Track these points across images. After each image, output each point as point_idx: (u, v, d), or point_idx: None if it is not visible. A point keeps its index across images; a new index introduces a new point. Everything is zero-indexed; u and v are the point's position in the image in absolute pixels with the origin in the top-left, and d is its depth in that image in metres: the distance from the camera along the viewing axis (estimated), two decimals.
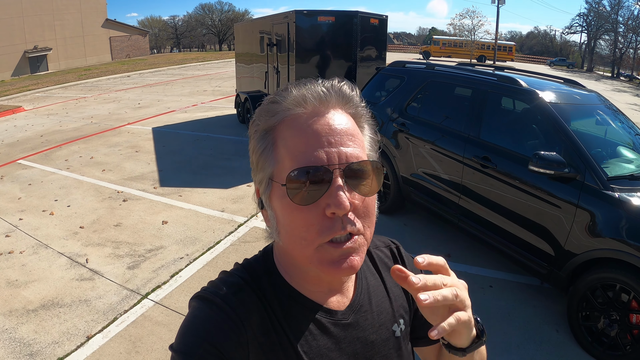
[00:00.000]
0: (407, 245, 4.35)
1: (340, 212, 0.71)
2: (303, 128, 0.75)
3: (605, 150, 4.18)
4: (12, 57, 39.00)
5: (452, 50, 50.03)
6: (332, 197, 0.71)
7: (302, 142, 0.74)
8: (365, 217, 0.77)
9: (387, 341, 0.92)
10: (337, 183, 0.72)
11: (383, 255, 1.05)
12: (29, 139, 11.69)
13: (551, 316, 3.91)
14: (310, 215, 0.73)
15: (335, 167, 0.73)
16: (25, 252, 5.26)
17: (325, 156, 0.73)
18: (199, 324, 0.77)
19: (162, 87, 22.68)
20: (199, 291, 0.83)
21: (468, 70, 5.41)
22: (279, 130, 0.77)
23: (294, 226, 0.75)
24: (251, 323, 0.78)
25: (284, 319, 0.82)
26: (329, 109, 0.78)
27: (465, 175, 4.63)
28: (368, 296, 0.93)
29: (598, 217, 3.44)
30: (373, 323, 0.91)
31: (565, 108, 4.26)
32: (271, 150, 0.78)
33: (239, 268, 0.88)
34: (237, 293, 0.80)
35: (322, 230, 0.73)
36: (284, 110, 0.77)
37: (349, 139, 0.76)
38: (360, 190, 0.75)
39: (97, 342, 3.66)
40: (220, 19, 79.94)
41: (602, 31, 53.25)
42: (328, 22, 9.12)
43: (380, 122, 5.96)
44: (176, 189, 7.25)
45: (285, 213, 0.76)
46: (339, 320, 0.86)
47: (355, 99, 0.81)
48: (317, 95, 0.77)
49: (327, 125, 0.75)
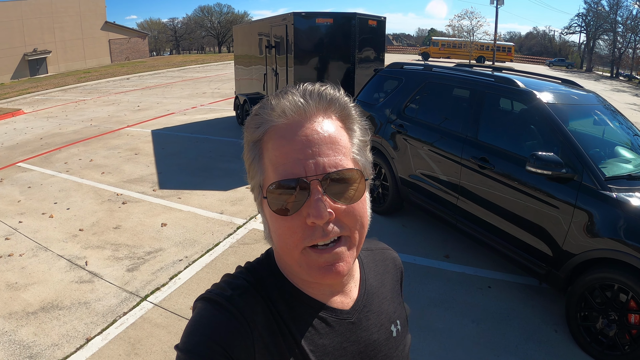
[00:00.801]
0: (405, 246, 4.39)
1: (319, 222, 0.73)
2: (282, 140, 0.76)
3: (603, 151, 4.18)
4: (12, 60, 39.07)
5: (451, 51, 50.04)
6: (311, 208, 0.73)
7: (281, 154, 0.76)
8: (352, 221, 0.78)
9: (387, 341, 0.94)
10: (315, 195, 0.73)
11: (385, 258, 1.09)
12: (28, 142, 11.71)
13: (550, 316, 3.92)
14: (293, 223, 0.75)
15: (312, 179, 0.74)
16: (25, 255, 5.27)
17: (303, 167, 0.74)
18: (205, 324, 0.78)
19: (161, 90, 22.69)
20: (204, 293, 0.84)
21: (466, 71, 5.41)
22: (264, 141, 0.79)
23: (280, 232, 0.77)
24: (257, 324, 0.78)
25: (290, 319, 0.82)
26: (309, 117, 0.78)
27: (463, 176, 4.64)
28: (371, 296, 0.95)
29: (596, 217, 3.45)
30: (375, 323, 0.93)
31: (563, 108, 4.26)
32: (258, 160, 0.80)
33: (243, 271, 0.89)
34: (242, 295, 0.81)
35: (305, 237, 0.75)
36: (267, 122, 0.78)
37: (329, 147, 0.76)
38: (344, 197, 0.76)
39: (96, 345, 3.66)
40: (220, 21, 79.98)
41: (601, 31, 53.26)
42: (326, 24, 9.13)
43: (379, 124, 5.97)
44: (175, 192, 7.25)
45: (272, 220, 0.79)
46: (344, 318, 0.88)
47: (340, 100, 0.81)
48: (294, 106, 0.77)
49: (305, 135, 0.76)
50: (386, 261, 1.08)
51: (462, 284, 4.43)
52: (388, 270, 1.06)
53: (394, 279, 1.07)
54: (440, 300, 4.16)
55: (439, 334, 3.71)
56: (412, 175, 5.41)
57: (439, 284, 4.43)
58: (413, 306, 4.00)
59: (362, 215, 0.81)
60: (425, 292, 4.28)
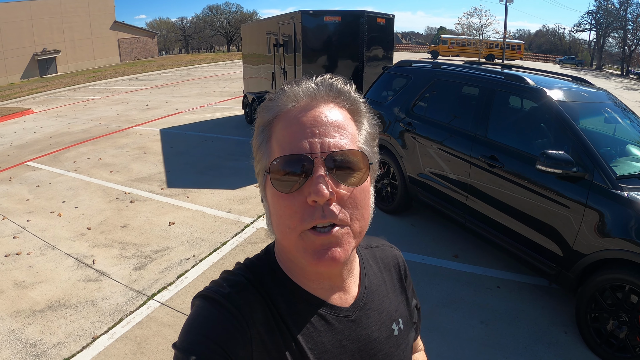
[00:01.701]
0: (414, 245, 4.35)
1: (320, 199, 0.72)
2: (291, 121, 0.78)
3: (614, 149, 4.11)
4: (22, 59, 39.40)
5: (461, 49, 49.85)
6: (313, 185, 0.73)
7: (289, 133, 0.77)
8: (353, 209, 0.78)
9: (388, 339, 0.93)
10: (318, 172, 0.74)
11: (385, 255, 1.07)
12: (37, 141, 11.78)
13: (559, 317, 3.87)
14: (294, 202, 0.75)
15: (316, 156, 0.74)
16: (33, 254, 5.29)
17: (308, 145, 0.75)
18: (202, 322, 0.77)
19: (170, 89, 22.77)
20: (202, 290, 0.84)
21: (475, 68, 5.36)
22: (273, 124, 0.80)
23: (281, 214, 0.77)
24: (255, 321, 0.78)
25: (289, 316, 0.82)
26: (319, 103, 0.80)
27: (473, 175, 4.59)
28: (371, 294, 0.95)
29: (607, 217, 3.39)
30: (375, 321, 0.92)
31: (574, 106, 4.20)
32: (266, 143, 0.81)
33: (241, 267, 0.89)
34: (240, 292, 0.81)
35: (304, 218, 0.74)
36: (279, 106, 0.80)
37: (335, 130, 0.77)
38: (347, 181, 0.76)
39: (102, 343, 3.66)
40: (229, 20, 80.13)
41: (611, 29, 52.78)
42: (334, 22, 9.10)
43: (387, 122, 5.93)
44: (183, 190, 7.26)
45: (273, 201, 0.79)
46: (343, 316, 0.87)
47: (349, 93, 0.83)
48: (306, 91, 0.80)
49: (313, 117, 0.77)
50: (387, 259, 1.07)
51: (470, 284, 4.39)
52: (389, 268, 1.06)
53: (396, 277, 1.06)
54: (449, 301, 4.12)
55: (447, 335, 3.67)
56: (421, 174, 5.37)
57: (447, 284, 4.39)
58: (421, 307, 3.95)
59: (364, 206, 0.80)
60: (433, 292, 4.24)
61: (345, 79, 0.84)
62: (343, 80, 0.84)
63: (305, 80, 0.82)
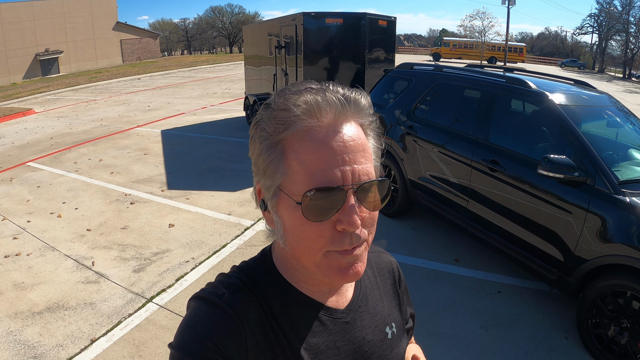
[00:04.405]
0: (414, 249, 4.32)
1: (353, 229, 0.73)
2: (319, 143, 0.74)
3: (616, 153, 4.09)
4: (24, 59, 39.44)
5: (463, 52, 49.86)
6: (345, 216, 0.73)
7: (319, 159, 0.73)
8: (370, 227, 0.80)
9: (382, 342, 0.94)
10: (350, 202, 0.73)
11: (380, 261, 1.08)
12: (38, 142, 11.78)
13: (560, 323, 3.84)
14: (321, 228, 0.74)
15: (349, 187, 0.73)
16: (32, 255, 5.27)
17: (341, 175, 0.73)
18: (198, 322, 0.78)
19: (172, 90, 22.78)
20: (198, 292, 0.85)
21: (477, 72, 5.34)
22: (290, 140, 0.75)
23: (305, 237, 0.76)
24: (249, 322, 0.79)
25: (283, 317, 0.83)
26: (344, 121, 0.77)
27: (474, 178, 4.57)
28: (365, 297, 0.96)
29: (609, 222, 3.37)
30: (369, 324, 0.93)
31: (576, 110, 4.18)
32: (281, 160, 0.76)
33: (236, 270, 0.89)
34: (234, 293, 0.82)
35: (333, 242, 0.75)
36: (297, 120, 0.74)
37: (362, 155, 0.76)
38: (368, 205, 0.77)
39: (100, 346, 3.64)
40: (231, 22, 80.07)
41: (613, 32, 52.71)
42: (336, 24, 9.10)
43: (388, 125, 5.92)
44: (183, 192, 7.24)
45: (295, 224, 0.76)
46: (338, 318, 0.88)
47: (368, 110, 0.81)
48: (333, 106, 0.75)
49: (342, 141, 0.74)
50: (382, 264, 1.08)
51: (471, 288, 4.37)
52: (384, 273, 1.06)
53: (390, 282, 1.07)
54: (449, 305, 4.10)
55: (446, 340, 3.64)
56: (422, 177, 5.35)
57: (447, 288, 4.37)
58: (421, 311, 3.98)
59: (375, 220, 0.82)
60: (433, 297, 4.22)
61: (364, 94, 0.81)
62: (365, 96, 0.81)
63: (325, 89, 0.77)
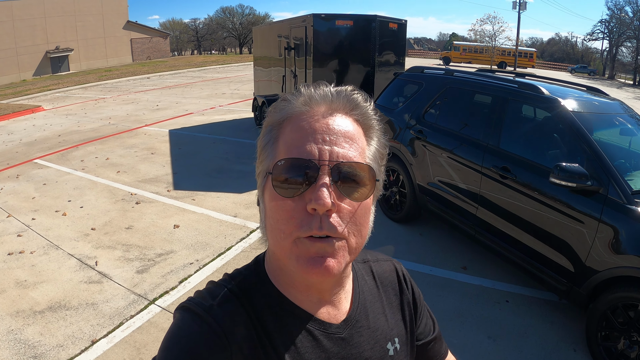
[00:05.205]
0: (422, 256, 4.23)
1: (321, 208, 0.70)
2: (303, 124, 0.76)
3: (629, 162, 3.99)
4: (35, 57, 39.64)
5: (473, 56, 49.74)
6: (316, 192, 0.70)
7: (298, 136, 0.75)
8: (352, 224, 0.75)
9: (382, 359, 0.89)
10: (322, 179, 0.71)
11: (382, 270, 1.03)
12: (46, 139, 11.79)
13: (569, 335, 3.76)
14: (292, 208, 0.72)
15: (323, 164, 0.72)
16: (36, 253, 5.25)
17: (317, 151, 0.73)
18: (182, 337, 0.74)
19: (181, 90, 22.80)
20: (184, 301, 0.81)
21: (488, 76, 5.26)
22: (283, 126, 0.78)
23: (277, 218, 0.74)
24: (236, 336, 0.75)
25: (274, 331, 0.79)
26: (334, 111, 0.78)
27: (484, 185, 4.50)
28: (365, 311, 0.91)
29: (621, 233, 3.28)
30: (368, 340, 0.88)
31: (588, 117, 4.10)
32: (272, 145, 0.79)
33: (227, 279, 0.86)
34: (222, 304, 0.78)
35: (302, 225, 0.72)
36: (292, 107, 0.78)
37: (346, 141, 0.75)
38: (350, 195, 0.74)
39: (101, 347, 3.60)
40: (241, 22, 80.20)
41: (624, 38, 52.40)
42: (346, 26, 9.04)
43: (398, 129, 5.86)
44: (190, 193, 7.21)
45: (271, 205, 0.76)
46: (332, 333, 0.83)
47: (366, 109, 0.80)
48: (324, 96, 0.78)
49: (326, 124, 0.75)
50: (385, 273, 1.02)
51: (479, 297, 4.29)
52: (386, 283, 1.01)
53: (393, 293, 1.01)
54: (456, 314, 4.03)
55: (452, 350, 3.54)
56: (431, 182, 5.27)
57: (455, 297, 4.29)
58: None
59: (363, 223, 0.77)
60: (440, 305, 4.14)
61: (365, 94, 0.82)
62: (363, 95, 0.81)
63: (324, 85, 0.80)
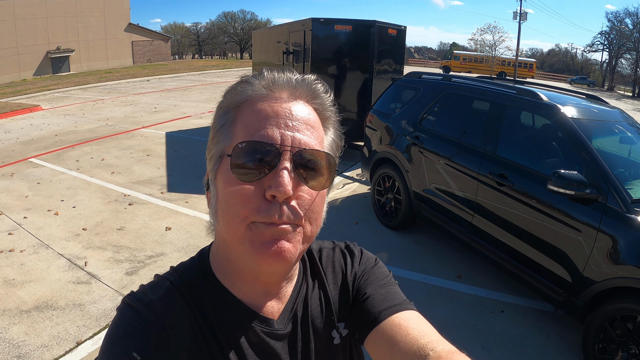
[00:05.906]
0: (416, 264, 4.16)
1: (280, 196, 0.68)
2: (264, 107, 0.74)
3: (628, 171, 3.94)
4: (35, 56, 39.60)
5: (473, 66, 49.93)
6: (276, 178, 0.69)
7: (260, 119, 0.73)
8: (308, 212, 0.74)
9: (326, 348, 0.88)
10: (283, 165, 0.70)
11: (326, 254, 0.98)
12: (43, 138, 11.71)
13: (565, 346, 3.69)
14: (250, 193, 0.70)
15: (285, 150, 0.71)
16: (26, 251, 5.17)
17: (279, 136, 0.71)
18: (121, 335, 0.72)
19: (180, 93, 22.77)
20: (126, 296, 0.79)
21: (486, 82, 5.21)
22: (242, 109, 0.77)
23: (232, 202, 0.72)
24: (176, 331, 0.74)
25: (218, 326, 0.78)
26: (296, 98, 0.77)
27: (480, 193, 4.43)
28: (304, 302, 0.89)
29: (620, 242, 3.22)
30: (310, 331, 0.87)
31: (588, 124, 4.05)
32: (229, 127, 0.77)
33: (171, 272, 0.84)
34: (163, 298, 0.77)
35: (259, 210, 0.70)
36: (252, 90, 0.76)
37: (307, 128, 0.74)
38: (309, 183, 0.73)
39: (86, 349, 3.53)
40: (242, 28, 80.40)
41: (623, 50, 52.55)
42: (345, 31, 9.01)
43: (394, 135, 5.80)
44: (183, 195, 7.14)
45: (225, 188, 0.73)
46: (275, 330, 0.82)
47: (325, 98, 0.81)
48: (287, 82, 0.77)
49: (289, 110, 0.74)
50: (336, 257, 0.98)
51: (473, 306, 4.22)
52: (335, 267, 0.96)
53: (341, 277, 0.95)
54: (450, 324, 3.95)
55: None
56: (427, 189, 5.21)
57: (449, 306, 4.22)
58: None
59: (319, 211, 0.77)
60: (433, 314, 4.06)
61: (324, 84, 0.82)
62: (323, 84, 0.81)
63: (288, 70, 0.79)
